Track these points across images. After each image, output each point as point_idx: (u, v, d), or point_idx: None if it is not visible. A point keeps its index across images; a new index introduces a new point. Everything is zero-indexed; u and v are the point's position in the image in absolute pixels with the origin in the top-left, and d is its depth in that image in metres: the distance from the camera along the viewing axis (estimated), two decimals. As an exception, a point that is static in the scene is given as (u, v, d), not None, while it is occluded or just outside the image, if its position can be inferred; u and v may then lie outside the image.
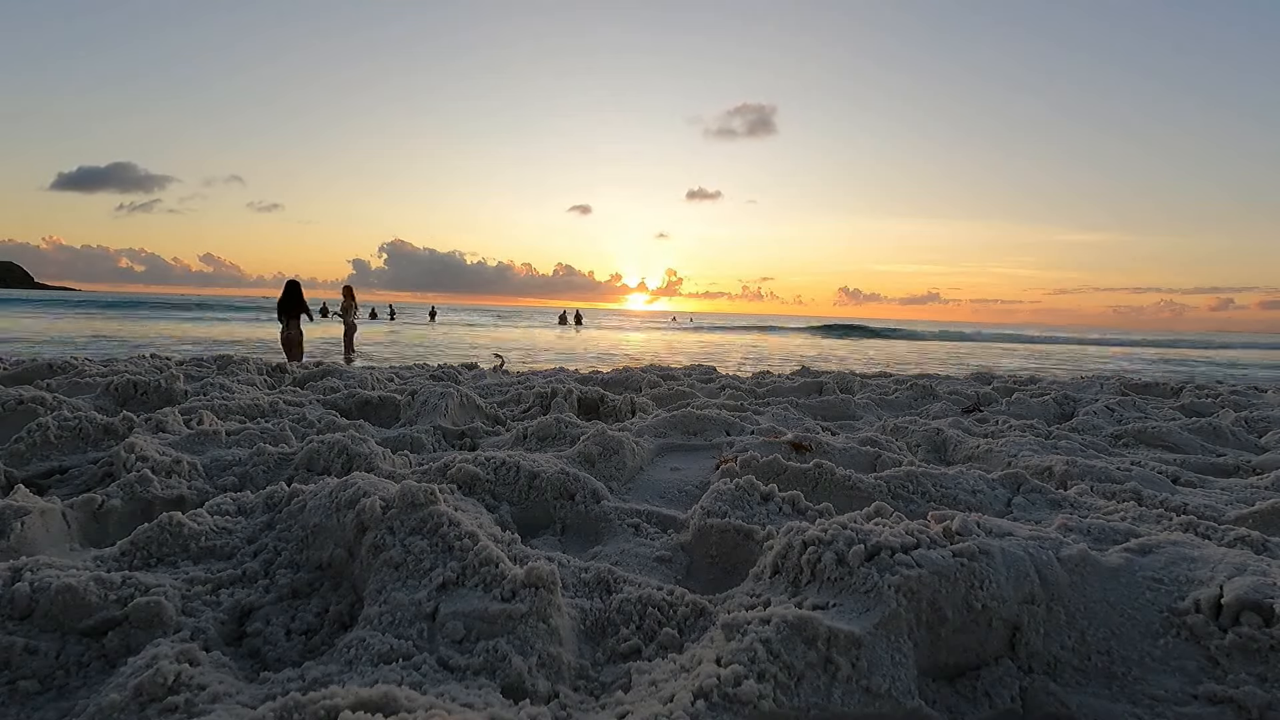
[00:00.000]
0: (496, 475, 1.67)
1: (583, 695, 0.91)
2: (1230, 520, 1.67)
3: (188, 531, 1.20)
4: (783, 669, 0.81)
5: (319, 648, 1.00)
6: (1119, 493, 1.92)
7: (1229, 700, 0.85)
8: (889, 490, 1.77)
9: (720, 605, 1.10)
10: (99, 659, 0.92)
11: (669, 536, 1.50)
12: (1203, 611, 0.95)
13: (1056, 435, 2.93)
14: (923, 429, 2.86)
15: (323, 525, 1.18)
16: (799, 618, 0.86)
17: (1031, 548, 1.03)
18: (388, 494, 1.16)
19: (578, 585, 1.16)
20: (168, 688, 0.79)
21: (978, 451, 2.55)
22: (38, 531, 1.26)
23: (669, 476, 2.04)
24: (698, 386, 4.43)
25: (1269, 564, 1.03)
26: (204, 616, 1.01)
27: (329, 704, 0.71)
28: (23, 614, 0.94)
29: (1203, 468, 2.51)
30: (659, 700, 0.81)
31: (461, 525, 1.08)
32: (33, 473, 1.83)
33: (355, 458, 1.84)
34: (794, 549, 1.05)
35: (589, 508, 1.61)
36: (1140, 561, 1.08)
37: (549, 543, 1.50)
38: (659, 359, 12.90)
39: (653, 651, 1.01)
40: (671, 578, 1.32)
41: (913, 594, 0.91)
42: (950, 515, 1.10)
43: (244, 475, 1.82)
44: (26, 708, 0.85)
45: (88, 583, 0.97)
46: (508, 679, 0.87)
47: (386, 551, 1.05)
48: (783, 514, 1.50)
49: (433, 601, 0.96)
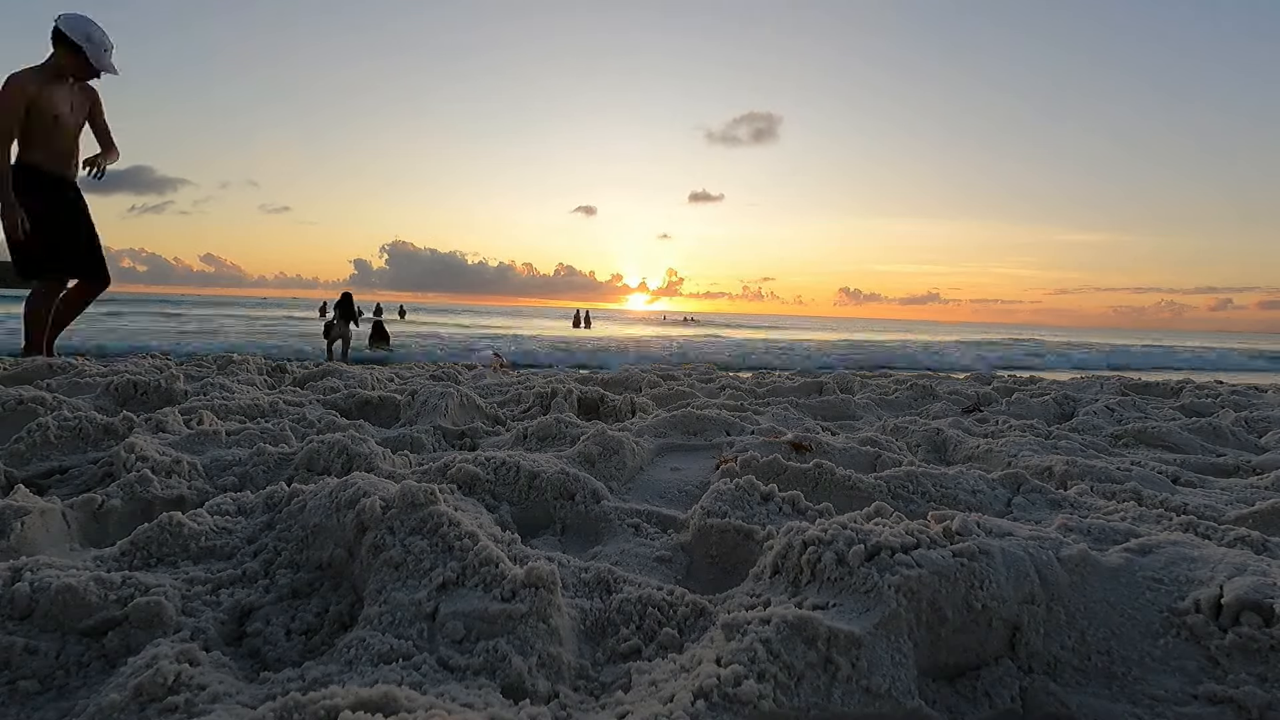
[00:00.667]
0: (496, 475, 1.67)
1: (583, 695, 0.91)
2: (1230, 520, 1.67)
3: (188, 531, 1.20)
4: (783, 669, 0.81)
5: (319, 648, 1.00)
6: (1119, 493, 1.92)
7: (1229, 700, 0.85)
8: (889, 490, 1.77)
9: (720, 605, 1.10)
10: (99, 659, 0.92)
11: (669, 536, 1.50)
12: (1203, 611, 0.95)
13: (1056, 435, 2.93)
14: (923, 429, 2.87)
15: (323, 525, 1.18)
16: (799, 618, 0.86)
17: (1031, 548, 1.03)
18: (388, 494, 1.16)
19: (578, 585, 1.16)
20: (168, 688, 0.79)
21: (978, 451, 2.55)
22: (38, 531, 1.26)
23: (669, 476, 2.04)
24: (698, 386, 4.43)
25: (1269, 564, 1.03)
26: (204, 616, 1.01)
27: (329, 704, 0.71)
28: (23, 614, 0.94)
29: (1203, 468, 2.51)
30: (659, 700, 0.81)
31: (461, 525, 1.08)
32: (33, 473, 1.83)
33: (355, 458, 1.84)
34: (794, 549, 1.05)
35: (589, 508, 1.61)
36: (1140, 561, 1.08)
37: (549, 543, 1.50)
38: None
39: (653, 651, 1.01)
40: (671, 578, 1.32)
41: (913, 594, 0.91)
42: (950, 515, 1.10)
43: (244, 475, 1.82)
44: (26, 708, 0.85)
45: (88, 583, 0.97)
46: (508, 679, 0.87)
47: (386, 551, 1.05)
48: (783, 514, 1.50)
49: (433, 601, 0.96)
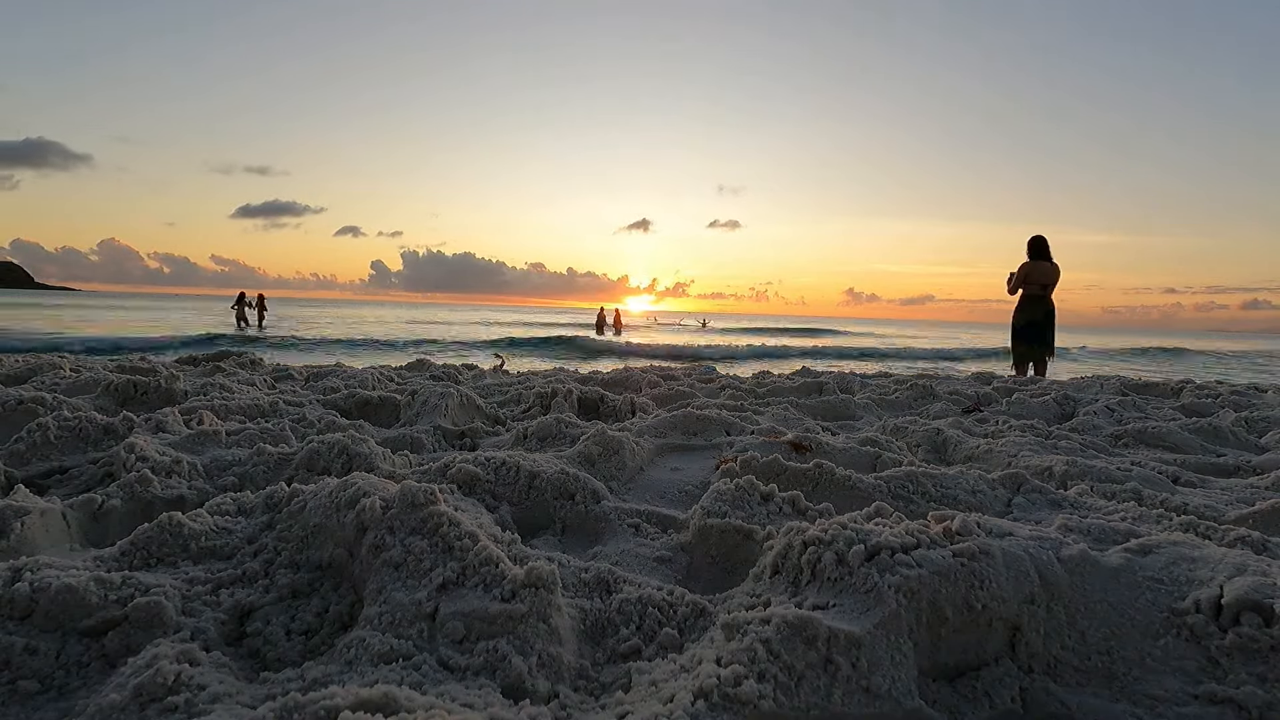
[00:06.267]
0: (496, 475, 1.67)
1: (583, 695, 0.91)
2: (1230, 520, 1.67)
3: (188, 531, 1.20)
4: (783, 669, 0.81)
5: (319, 648, 1.00)
6: (1119, 493, 1.92)
7: (1229, 700, 0.85)
8: (889, 490, 1.77)
9: (720, 605, 1.10)
10: (99, 659, 0.92)
11: (669, 536, 1.50)
12: (1203, 612, 0.95)
13: (1056, 435, 2.92)
14: (923, 429, 2.86)
15: (323, 525, 1.17)
16: (799, 618, 0.85)
17: (1032, 548, 1.03)
18: (388, 494, 1.16)
19: (578, 585, 1.16)
20: (168, 688, 0.79)
21: (978, 451, 2.55)
22: (38, 531, 1.26)
23: (669, 476, 2.04)
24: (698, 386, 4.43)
25: (1269, 564, 1.02)
26: (204, 616, 1.01)
27: (329, 704, 0.71)
28: (23, 614, 0.94)
29: (1203, 468, 2.50)
30: (659, 700, 0.81)
31: (461, 525, 1.08)
32: (33, 473, 1.83)
33: (355, 458, 1.84)
34: (794, 549, 1.05)
35: (589, 508, 1.61)
36: (1140, 561, 1.08)
37: (549, 543, 1.50)
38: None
39: (653, 652, 1.01)
40: (671, 578, 1.32)
41: (913, 594, 0.91)
42: (950, 515, 1.10)
43: (244, 475, 1.82)
44: (26, 708, 0.85)
45: (88, 583, 0.97)
46: (508, 679, 0.87)
47: (386, 551, 1.05)
48: (783, 514, 1.50)
49: (433, 601, 0.96)
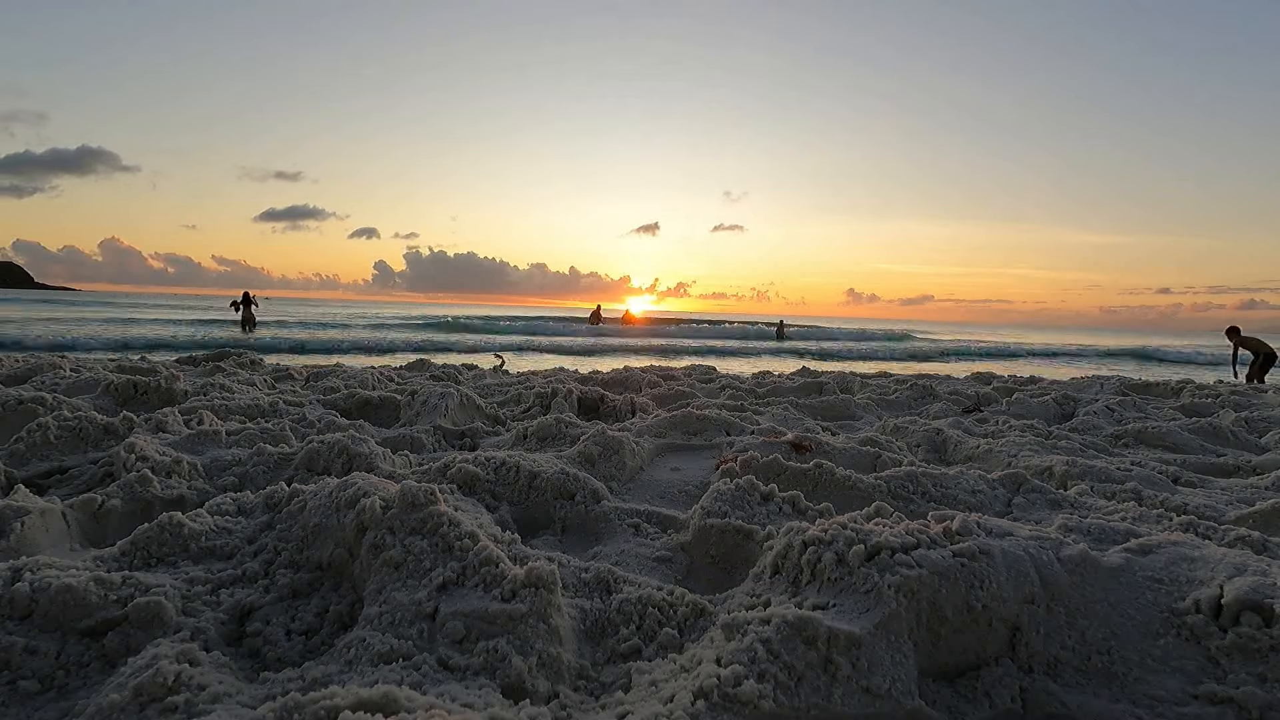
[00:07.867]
0: (496, 475, 1.67)
1: (583, 695, 0.91)
2: (1230, 520, 1.67)
3: (188, 531, 1.20)
4: (783, 669, 0.81)
5: (319, 648, 1.00)
6: (1119, 493, 1.92)
7: (1229, 700, 0.85)
8: (889, 490, 1.77)
9: (720, 605, 1.10)
10: (99, 659, 0.92)
11: (669, 536, 1.50)
12: (1203, 611, 0.95)
13: (1056, 435, 2.93)
14: (923, 429, 2.87)
15: (323, 525, 1.17)
16: (799, 618, 0.85)
17: (1032, 548, 1.03)
18: (388, 494, 1.16)
19: (578, 585, 1.16)
20: (168, 688, 0.79)
21: (978, 451, 2.55)
22: (38, 531, 1.26)
23: (669, 476, 2.04)
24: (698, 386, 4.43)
25: (1269, 564, 1.03)
26: (204, 616, 1.01)
27: (329, 704, 0.71)
28: (23, 614, 0.94)
29: (1203, 468, 2.50)
30: (659, 700, 0.81)
31: (461, 525, 1.08)
32: (33, 473, 1.83)
33: (355, 458, 1.84)
34: (794, 549, 1.05)
35: (589, 508, 1.61)
36: (1140, 561, 1.08)
37: (549, 543, 1.50)
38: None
39: (653, 652, 1.01)
40: (671, 578, 1.32)
41: (913, 594, 0.91)
42: (950, 515, 1.10)
43: (244, 475, 1.82)
44: (26, 708, 0.85)
45: (88, 583, 0.97)
46: (508, 679, 0.87)
47: (386, 551, 1.05)
48: (783, 514, 1.50)
49: (433, 601, 0.96)
